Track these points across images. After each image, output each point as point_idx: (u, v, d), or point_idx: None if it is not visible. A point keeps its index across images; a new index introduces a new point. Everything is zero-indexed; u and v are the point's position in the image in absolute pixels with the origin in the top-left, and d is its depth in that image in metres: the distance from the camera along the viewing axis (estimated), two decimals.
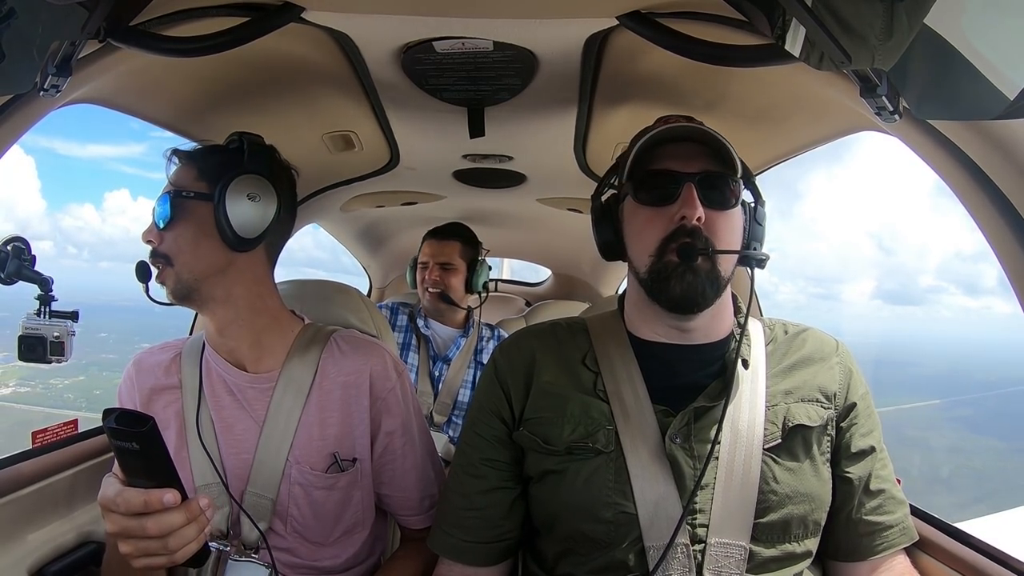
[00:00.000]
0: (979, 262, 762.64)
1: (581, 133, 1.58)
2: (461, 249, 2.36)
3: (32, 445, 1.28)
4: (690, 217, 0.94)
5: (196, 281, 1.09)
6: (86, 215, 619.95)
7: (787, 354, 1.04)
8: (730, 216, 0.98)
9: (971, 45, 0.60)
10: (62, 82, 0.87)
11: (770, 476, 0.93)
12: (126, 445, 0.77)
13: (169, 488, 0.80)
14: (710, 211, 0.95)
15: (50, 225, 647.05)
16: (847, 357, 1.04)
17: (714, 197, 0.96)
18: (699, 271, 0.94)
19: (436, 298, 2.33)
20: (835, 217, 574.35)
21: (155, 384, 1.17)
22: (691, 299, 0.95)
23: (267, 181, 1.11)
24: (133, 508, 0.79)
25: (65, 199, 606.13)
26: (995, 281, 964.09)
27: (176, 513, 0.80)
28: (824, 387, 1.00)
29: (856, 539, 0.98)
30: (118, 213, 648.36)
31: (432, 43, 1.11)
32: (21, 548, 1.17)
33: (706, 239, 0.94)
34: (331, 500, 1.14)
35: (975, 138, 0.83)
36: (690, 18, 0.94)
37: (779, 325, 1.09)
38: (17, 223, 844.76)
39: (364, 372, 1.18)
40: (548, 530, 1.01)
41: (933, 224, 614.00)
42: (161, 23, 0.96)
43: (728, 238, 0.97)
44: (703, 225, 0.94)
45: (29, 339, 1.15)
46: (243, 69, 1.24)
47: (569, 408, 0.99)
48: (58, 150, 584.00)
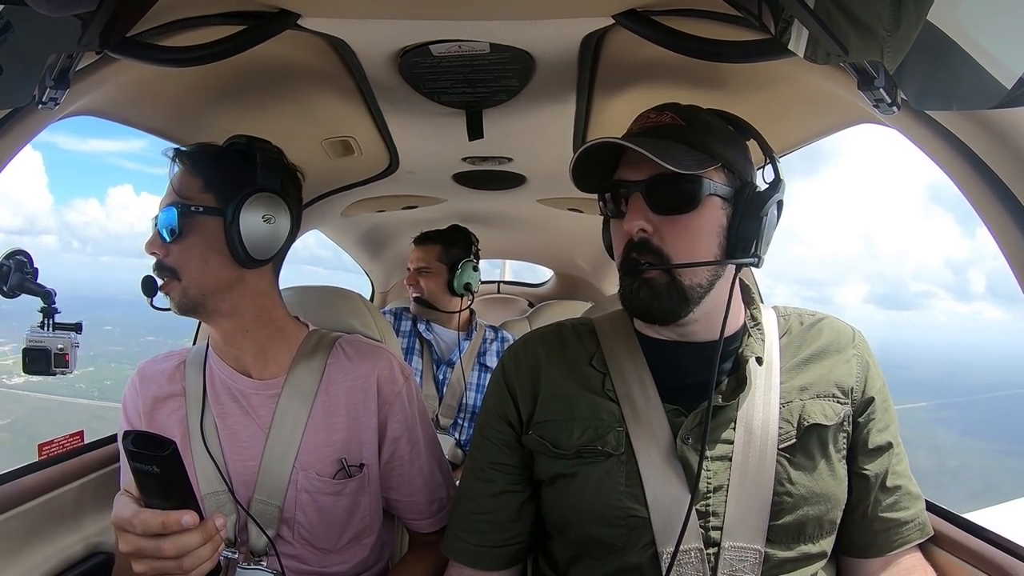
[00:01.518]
0: (969, 268, 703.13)
1: (580, 132, 1.58)
2: (440, 252, 2.36)
3: (39, 457, 1.28)
4: (628, 230, 0.91)
5: (203, 296, 1.07)
6: (91, 210, 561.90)
7: (802, 347, 1.01)
8: (686, 221, 0.91)
9: (968, 35, 0.60)
10: (60, 94, 0.87)
11: (785, 477, 0.91)
12: (146, 468, 0.77)
13: (187, 510, 0.80)
14: (662, 218, 0.91)
15: (56, 220, 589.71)
16: (864, 348, 1.01)
17: (664, 203, 0.91)
18: (654, 284, 0.91)
19: (416, 302, 2.35)
20: (820, 221, 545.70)
21: (159, 393, 1.16)
22: (650, 314, 0.93)
23: (280, 199, 1.09)
24: (151, 530, 0.79)
25: (70, 194, 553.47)
26: (984, 288, 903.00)
27: (193, 534, 0.80)
28: (841, 382, 0.97)
29: (871, 535, 0.96)
30: (122, 208, 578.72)
31: (429, 46, 1.11)
32: (30, 560, 1.17)
33: (657, 250, 0.90)
34: (339, 506, 1.14)
35: (975, 128, 0.82)
36: (686, 15, 0.94)
37: (795, 315, 1.05)
38: (26, 217, 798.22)
39: (371, 377, 1.18)
40: (559, 534, 1.00)
41: (922, 230, 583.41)
42: (158, 33, 0.96)
43: (687, 245, 0.91)
44: (655, 235, 0.91)
45: (33, 351, 1.16)
46: (241, 77, 1.24)
47: (578, 411, 0.97)
48: (60, 145, 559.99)
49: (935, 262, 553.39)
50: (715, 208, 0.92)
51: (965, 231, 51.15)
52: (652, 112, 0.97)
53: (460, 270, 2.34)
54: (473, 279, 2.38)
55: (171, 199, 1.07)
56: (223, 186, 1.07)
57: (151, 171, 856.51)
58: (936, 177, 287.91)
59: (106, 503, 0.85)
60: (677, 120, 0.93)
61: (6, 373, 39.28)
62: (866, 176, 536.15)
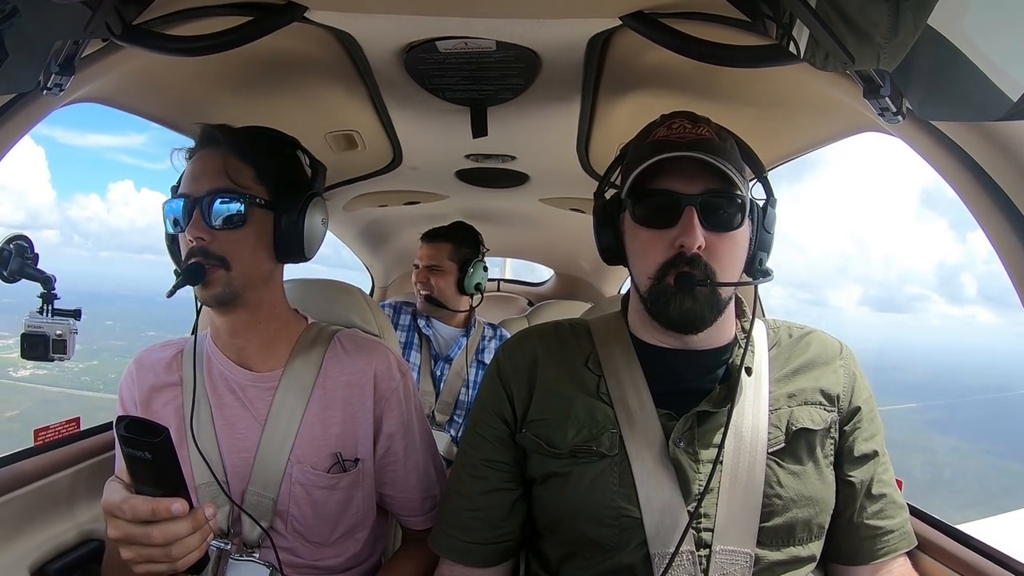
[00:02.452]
0: (961, 272, 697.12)
1: (584, 133, 1.58)
2: (451, 251, 2.35)
3: (34, 443, 1.28)
4: (689, 246, 0.90)
5: (243, 288, 1.07)
6: (92, 205, 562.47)
7: (791, 358, 1.03)
8: (733, 238, 0.94)
9: (975, 46, 0.60)
10: (65, 81, 0.87)
11: (774, 480, 0.93)
12: (138, 454, 0.77)
13: (177, 497, 0.79)
14: (712, 235, 0.91)
15: (59, 215, 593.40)
16: (851, 360, 1.03)
17: (717, 220, 0.92)
18: (698, 297, 0.92)
19: (425, 301, 2.34)
20: (813, 225, 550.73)
21: (155, 382, 1.16)
22: (690, 323, 0.94)
23: (323, 201, 1.15)
24: (140, 516, 0.79)
25: (71, 189, 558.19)
26: (975, 292, 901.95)
27: (182, 522, 0.80)
28: (827, 389, 0.99)
29: (858, 543, 0.98)
30: (122, 204, 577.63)
31: (435, 43, 1.11)
32: (22, 546, 1.17)
33: (706, 266, 0.91)
34: (332, 500, 1.14)
35: (978, 139, 0.83)
36: (693, 18, 0.94)
37: (784, 328, 1.08)
38: (29, 212, 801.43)
39: (368, 372, 1.18)
40: (551, 533, 1.01)
41: (915, 234, 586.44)
42: (164, 22, 0.96)
43: (731, 262, 0.94)
44: (704, 251, 0.91)
45: (32, 337, 1.15)
46: (246, 68, 1.24)
47: (573, 410, 0.98)
48: (59, 139, 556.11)
49: (928, 266, 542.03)
50: (747, 225, 0.96)
51: (958, 236, 50.86)
52: (685, 122, 0.96)
53: (472, 270, 2.33)
54: (483, 279, 2.38)
55: (223, 183, 1.05)
56: (279, 181, 1.09)
57: (151, 167, 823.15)
58: (929, 182, 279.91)
59: (100, 491, 0.85)
60: (712, 135, 0.94)
61: (11, 366, 39.63)
62: (859, 180, 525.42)
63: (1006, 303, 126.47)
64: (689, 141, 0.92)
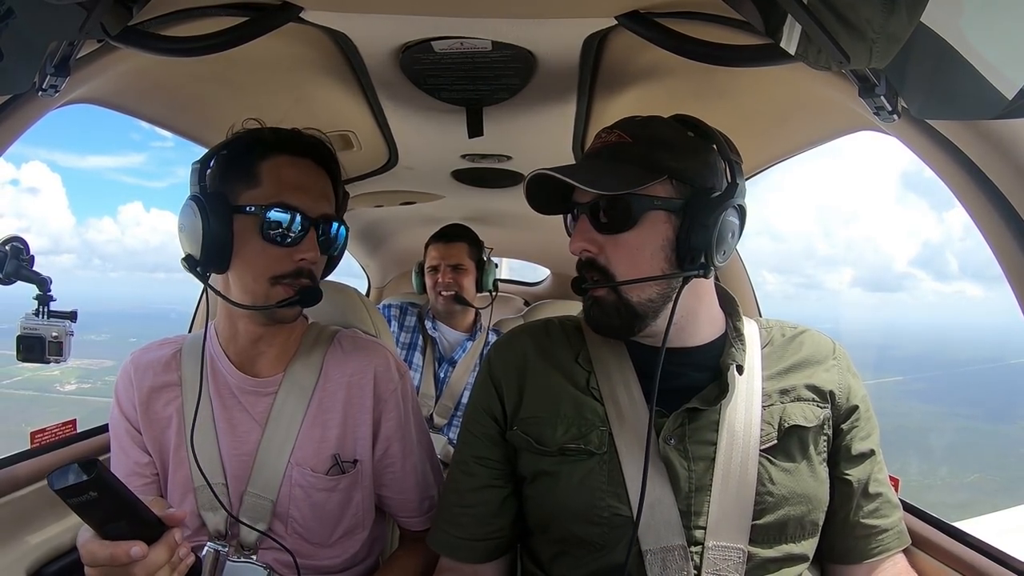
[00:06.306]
0: (944, 250, 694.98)
1: (580, 133, 1.58)
2: (469, 250, 2.39)
3: (31, 445, 1.27)
4: (574, 252, 0.97)
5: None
6: (107, 228, 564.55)
7: (784, 357, 1.03)
8: (626, 239, 0.93)
9: (969, 44, 0.60)
10: (60, 82, 0.86)
11: (767, 477, 0.93)
12: (84, 499, 0.73)
13: (135, 541, 0.78)
14: (606, 237, 0.94)
15: (79, 239, 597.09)
16: (844, 360, 1.04)
17: (606, 223, 0.94)
18: (603, 303, 0.96)
19: (450, 300, 2.35)
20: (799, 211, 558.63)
21: (154, 382, 1.14)
22: (604, 329, 0.98)
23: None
24: (99, 563, 0.79)
25: (85, 213, 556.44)
26: (957, 269, 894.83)
27: (159, 550, 0.80)
28: (820, 387, 0.99)
29: (852, 541, 0.99)
30: (134, 224, 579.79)
31: (431, 43, 1.11)
32: (19, 549, 1.17)
33: (603, 268, 0.94)
34: (331, 501, 1.14)
35: (974, 138, 0.83)
36: (689, 18, 0.94)
37: (777, 327, 1.08)
38: (51, 237, 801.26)
39: (368, 372, 1.17)
40: (542, 531, 1.01)
41: (898, 216, 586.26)
42: (160, 23, 0.95)
43: (629, 262, 0.93)
44: (602, 254, 0.94)
45: (27, 339, 1.15)
46: (242, 68, 1.23)
47: (562, 408, 0.99)
48: (59, 163, 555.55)
49: (914, 246, 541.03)
50: (658, 223, 0.93)
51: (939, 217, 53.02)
52: (603, 132, 1.00)
53: (488, 268, 2.39)
54: (495, 276, 2.46)
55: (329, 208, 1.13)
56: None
57: (151, 185, 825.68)
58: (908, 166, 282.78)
59: None
60: (624, 137, 0.95)
61: (56, 382, 39.77)
62: (841, 167, 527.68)
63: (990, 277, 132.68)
64: (594, 151, 0.98)
